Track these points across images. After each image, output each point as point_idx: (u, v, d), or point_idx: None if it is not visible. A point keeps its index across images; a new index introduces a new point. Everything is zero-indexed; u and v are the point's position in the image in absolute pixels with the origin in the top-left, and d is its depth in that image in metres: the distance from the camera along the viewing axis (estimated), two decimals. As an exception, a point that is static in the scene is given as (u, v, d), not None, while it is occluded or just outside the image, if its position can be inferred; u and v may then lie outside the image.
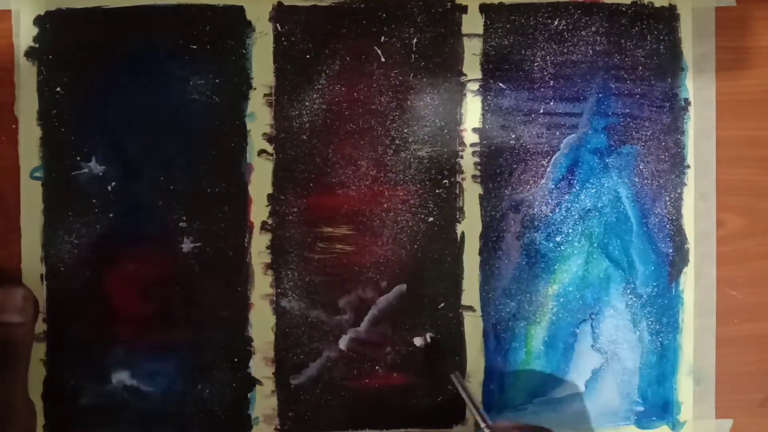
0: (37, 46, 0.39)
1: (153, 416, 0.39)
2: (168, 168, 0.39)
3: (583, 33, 0.40)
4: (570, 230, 0.40)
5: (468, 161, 0.40)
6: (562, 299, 0.40)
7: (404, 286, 0.40)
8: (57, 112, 0.39)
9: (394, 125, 0.40)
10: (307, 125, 0.40)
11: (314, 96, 0.40)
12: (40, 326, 0.39)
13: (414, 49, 0.40)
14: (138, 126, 0.39)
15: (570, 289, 0.40)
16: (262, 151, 0.39)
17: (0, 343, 0.33)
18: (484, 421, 0.37)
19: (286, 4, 0.39)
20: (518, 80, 0.40)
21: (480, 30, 0.40)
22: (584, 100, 0.40)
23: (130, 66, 0.39)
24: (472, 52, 0.40)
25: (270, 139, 0.39)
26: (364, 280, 0.40)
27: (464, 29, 0.40)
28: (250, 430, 0.40)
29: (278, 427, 0.40)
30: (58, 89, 0.39)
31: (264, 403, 0.40)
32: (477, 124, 0.40)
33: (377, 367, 0.40)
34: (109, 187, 0.39)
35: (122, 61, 0.39)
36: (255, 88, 0.39)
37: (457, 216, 0.40)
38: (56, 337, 0.39)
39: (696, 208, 0.41)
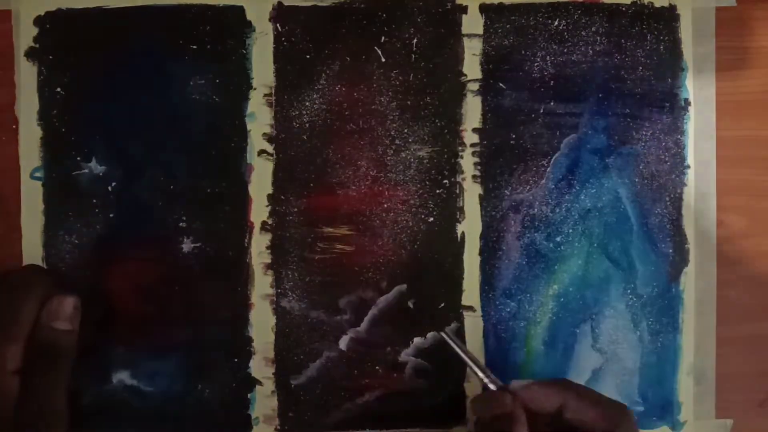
0: (37, 46, 0.39)
1: (153, 416, 0.39)
2: (168, 168, 0.39)
3: (583, 33, 0.40)
4: (570, 230, 0.40)
5: (468, 161, 0.40)
6: (562, 299, 0.40)
7: (404, 286, 0.40)
8: (57, 112, 0.39)
9: (394, 125, 0.40)
10: (307, 125, 0.40)
11: (314, 96, 0.40)
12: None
13: (414, 49, 0.40)
14: (138, 126, 0.39)
15: (570, 289, 0.40)
16: (262, 151, 0.39)
17: (49, 348, 0.34)
18: (488, 376, 0.35)
19: (286, 4, 0.39)
20: (518, 80, 0.40)
21: (480, 30, 0.40)
22: (584, 100, 0.40)
23: (130, 66, 0.39)
24: (472, 52, 0.40)
25: (270, 139, 0.39)
26: (364, 280, 0.40)
27: (464, 29, 0.40)
28: (250, 430, 0.40)
29: (278, 427, 0.40)
30: (58, 89, 0.39)
31: (264, 403, 0.40)
32: (477, 124, 0.40)
33: (377, 367, 0.40)
34: (109, 187, 0.39)
35: (122, 61, 0.39)
36: (255, 88, 0.39)
37: (457, 216, 0.40)
38: (56, 337, 0.39)
39: (696, 208, 0.41)
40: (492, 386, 0.35)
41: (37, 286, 0.35)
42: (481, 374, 0.36)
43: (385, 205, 0.40)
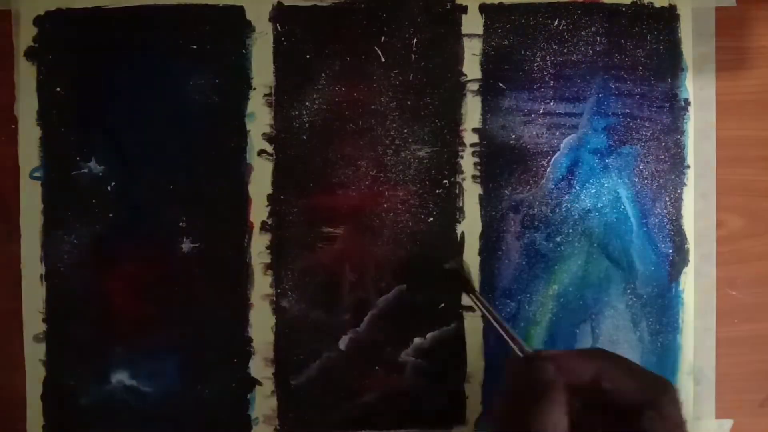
0: (37, 46, 0.39)
1: (153, 416, 0.39)
2: (168, 168, 0.39)
3: (583, 33, 0.40)
4: (570, 230, 0.40)
5: (468, 161, 0.40)
6: (562, 299, 0.40)
7: (404, 286, 0.40)
8: (57, 112, 0.39)
9: (394, 125, 0.40)
10: (307, 125, 0.40)
11: (314, 96, 0.40)
12: (40, 326, 0.39)
13: (414, 49, 0.40)
14: (138, 126, 0.39)
15: (570, 289, 0.40)
16: (262, 151, 0.39)
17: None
18: (518, 344, 0.32)
19: (286, 4, 0.39)
20: (518, 80, 0.40)
21: (480, 30, 0.40)
22: (584, 100, 0.40)
23: (130, 66, 0.39)
24: (472, 52, 0.40)
25: (270, 139, 0.39)
26: (364, 280, 0.40)
27: (464, 29, 0.40)
28: (250, 431, 0.40)
29: (278, 427, 0.40)
30: (58, 89, 0.39)
31: (264, 403, 0.40)
32: (477, 124, 0.40)
33: (377, 367, 0.40)
34: (109, 187, 0.39)
35: (122, 61, 0.39)
36: (255, 88, 0.39)
37: (457, 216, 0.40)
38: (56, 337, 0.39)
39: (696, 208, 0.41)
40: (520, 354, 0.33)
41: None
42: (509, 340, 0.33)
43: (385, 205, 0.40)
